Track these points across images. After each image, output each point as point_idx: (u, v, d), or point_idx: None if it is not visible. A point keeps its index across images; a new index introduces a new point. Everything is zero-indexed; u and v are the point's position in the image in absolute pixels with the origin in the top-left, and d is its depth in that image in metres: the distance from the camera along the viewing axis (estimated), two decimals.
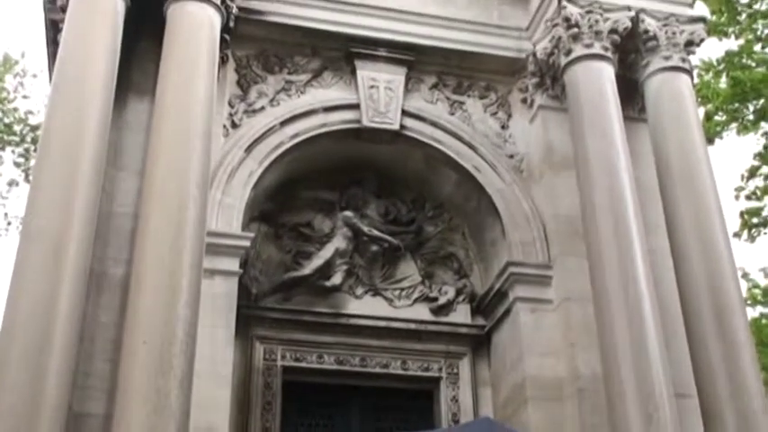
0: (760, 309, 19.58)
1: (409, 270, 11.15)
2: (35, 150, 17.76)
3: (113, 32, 9.31)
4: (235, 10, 10.24)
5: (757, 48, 17.64)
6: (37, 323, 7.60)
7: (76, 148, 8.50)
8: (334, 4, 11.01)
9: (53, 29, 10.73)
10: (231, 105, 10.51)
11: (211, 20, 9.74)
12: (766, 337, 18.10)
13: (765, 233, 18.24)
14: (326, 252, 10.77)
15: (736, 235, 18.01)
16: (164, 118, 9.09)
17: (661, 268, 9.85)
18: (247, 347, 10.09)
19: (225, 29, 10.06)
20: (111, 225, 9.06)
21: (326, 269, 10.71)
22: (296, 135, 10.56)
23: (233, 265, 9.61)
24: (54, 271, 7.87)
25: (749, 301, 19.16)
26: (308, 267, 10.67)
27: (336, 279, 10.72)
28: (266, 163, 10.31)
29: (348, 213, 10.93)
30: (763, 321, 19.12)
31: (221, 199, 9.82)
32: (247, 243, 9.81)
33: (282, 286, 10.61)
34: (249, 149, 10.26)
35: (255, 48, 10.89)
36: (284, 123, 10.56)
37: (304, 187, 11.11)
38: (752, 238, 18.25)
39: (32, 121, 21.09)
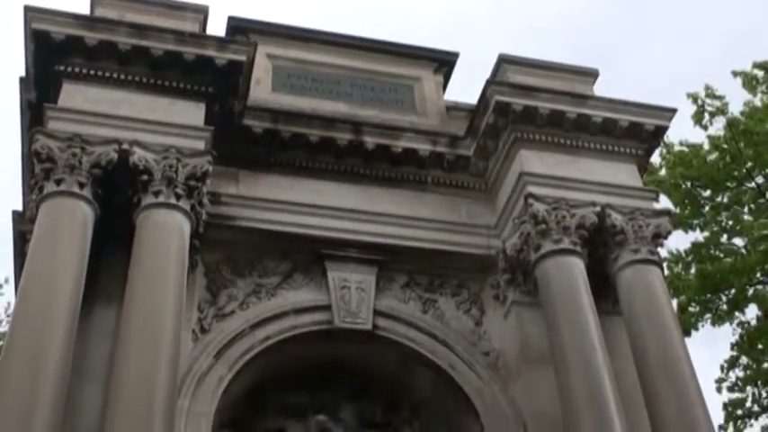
0: None
1: None
2: None
3: (82, 243, 9.31)
4: (204, 216, 10.32)
5: (723, 239, 17.99)
6: None
7: (40, 360, 8.28)
8: (304, 207, 11.18)
9: (21, 241, 10.77)
10: (200, 310, 10.39)
11: (181, 227, 9.79)
12: None
13: (751, 425, 17.86)
14: None
15: (722, 428, 17.64)
16: (131, 325, 8.93)
17: None
18: None
19: (195, 234, 10.09)
20: None
21: None
22: (267, 338, 10.41)
23: None
24: None
25: None
26: None
27: None
28: (236, 368, 10.08)
29: (321, 418, 10.63)
30: None
31: (189, 407, 9.48)
32: None
33: None
34: (219, 355, 10.05)
35: (225, 252, 10.90)
36: (255, 327, 10.42)
37: (276, 391, 10.83)
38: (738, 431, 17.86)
39: None
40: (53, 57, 10.41)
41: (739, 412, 17.87)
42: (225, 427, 10.28)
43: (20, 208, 11.55)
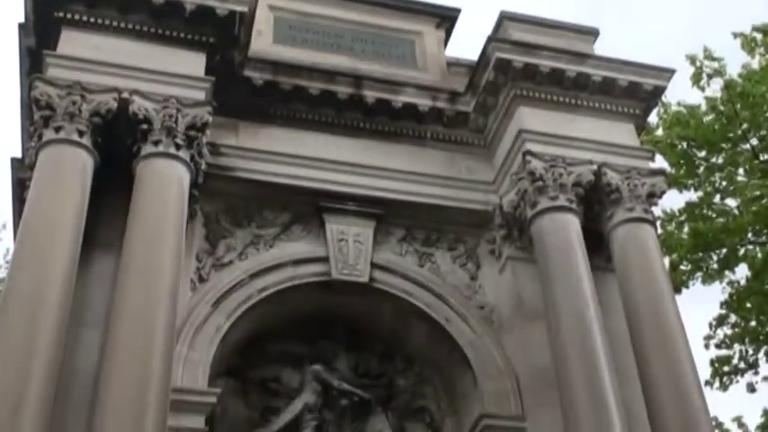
0: None
1: (380, 424, 10.85)
2: None
3: (81, 190, 9.35)
4: (204, 166, 10.36)
5: (716, 199, 18.13)
6: None
7: (39, 306, 8.37)
8: (304, 159, 11.22)
9: (20, 187, 10.78)
10: (199, 260, 10.47)
11: (180, 177, 9.83)
12: None
13: (737, 381, 18.16)
14: (295, 407, 10.50)
15: (708, 383, 17.93)
16: (130, 272, 9.02)
17: (636, 418, 9.71)
18: None
19: (194, 184, 10.14)
20: (72, 383, 8.78)
21: (295, 425, 10.41)
22: (264, 288, 10.50)
23: (198, 422, 9.33)
24: None
25: None
26: (276, 424, 10.39)
27: None
28: (234, 317, 10.19)
29: (317, 367, 10.75)
30: None
31: (187, 354, 9.61)
32: (213, 399, 9.57)
33: None
34: (217, 304, 10.15)
35: (224, 203, 10.96)
36: (253, 277, 10.52)
37: (273, 341, 10.95)
38: (724, 387, 18.16)
39: None
40: (53, 3, 10.34)
41: (726, 368, 18.15)
42: (222, 376, 10.40)
43: (19, 155, 11.57)
